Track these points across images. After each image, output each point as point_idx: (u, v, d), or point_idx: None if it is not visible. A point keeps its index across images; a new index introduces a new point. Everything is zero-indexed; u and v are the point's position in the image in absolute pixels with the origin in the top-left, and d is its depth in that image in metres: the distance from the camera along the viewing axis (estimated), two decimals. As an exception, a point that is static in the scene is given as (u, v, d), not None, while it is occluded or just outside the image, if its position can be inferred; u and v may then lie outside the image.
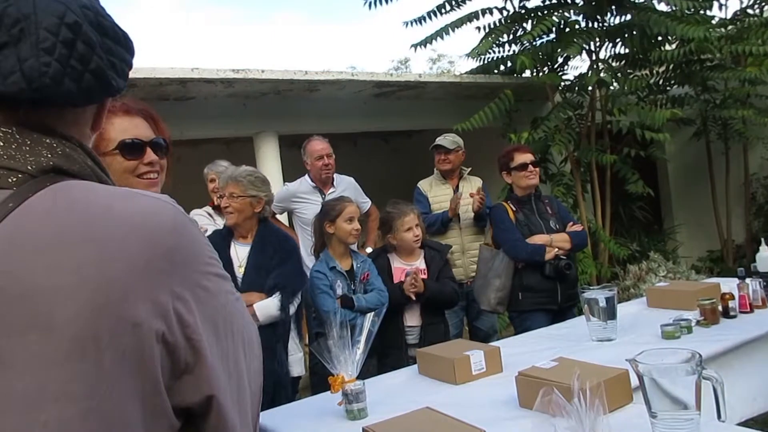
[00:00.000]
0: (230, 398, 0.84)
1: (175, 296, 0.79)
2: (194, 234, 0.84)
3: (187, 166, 6.51)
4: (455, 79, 6.07)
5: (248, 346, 0.91)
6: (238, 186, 2.92)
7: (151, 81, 4.50)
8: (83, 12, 0.83)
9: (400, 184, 6.23)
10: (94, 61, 0.83)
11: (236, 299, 0.90)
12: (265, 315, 2.77)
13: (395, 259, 3.42)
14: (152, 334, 0.77)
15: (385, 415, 1.82)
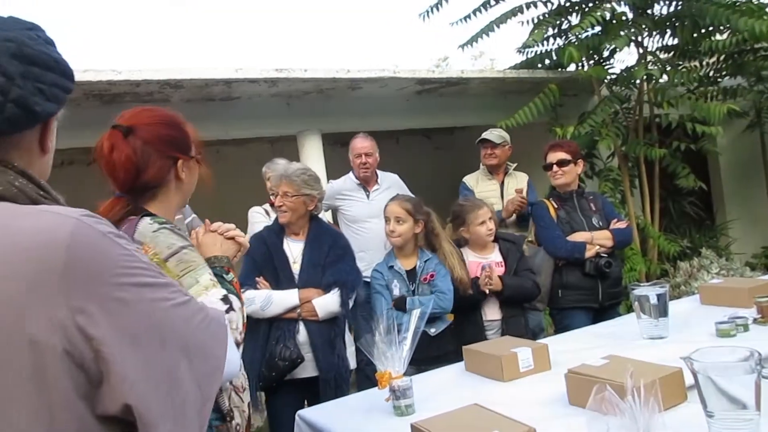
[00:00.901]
0: (157, 406, 0.83)
1: (75, 310, 0.80)
2: (99, 248, 0.84)
3: (233, 165, 6.64)
4: (498, 75, 6.00)
5: (195, 350, 0.91)
6: (291, 185, 2.95)
7: (197, 82, 4.58)
8: (4, 45, 0.89)
9: (444, 181, 6.22)
10: (13, 91, 0.88)
11: (175, 305, 0.90)
12: (325, 311, 2.82)
13: (469, 254, 3.35)
14: (51, 350, 0.79)
15: (432, 412, 1.82)
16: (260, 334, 2.81)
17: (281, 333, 2.80)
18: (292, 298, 2.83)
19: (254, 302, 2.78)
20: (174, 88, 4.59)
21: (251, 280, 2.88)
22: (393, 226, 3.15)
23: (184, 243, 1.51)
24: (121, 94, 4.43)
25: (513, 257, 3.33)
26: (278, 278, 2.89)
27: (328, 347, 2.83)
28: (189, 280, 1.46)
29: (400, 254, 3.20)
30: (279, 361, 2.73)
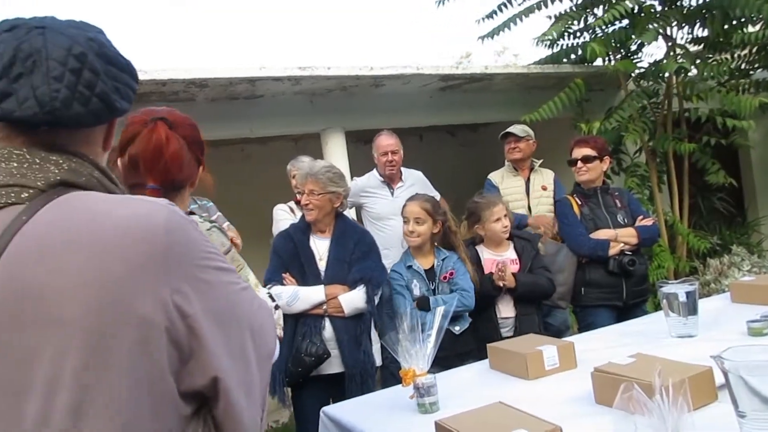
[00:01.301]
0: (236, 380, 0.92)
1: (174, 290, 0.87)
2: (189, 233, 0.92)
3: (256, 163, 6.69)
4: (523, 70, 5.94)
5: (257, 332, 0.99)
6: (317, 183, 2.96)
7: (222, 81, 4.61)
8: (89, 44, 0.95)
9: (468, 178, 6.18)
10: (99, 86, 0.94)
11: (241, 289, 0.99)
12: (351, 307, 2.84)
13: (484, 251, 3.34)
14: (156, 326, 0.86)
15: (457, 409, 1.81)
16: (286, 329, 2.83)
17: (307, 329, 2.82)
18: (318, 294, 2.84)
19: (281, 298, 2.80)
20: (199, 87, 4.62)
21: (278, 276, 2.91)
22: (412, 226, 3.14)
23: (230, 243, 1.60)
24: (147, 93, 4.47)
25: (528, 255, 3.32)
26: (304, 274, 2.91)
27: (354, 343, 2.84)
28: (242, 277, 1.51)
29: (418, 254, 3.19)
30: (305, 357, 2.75)
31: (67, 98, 0.91)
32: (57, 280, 0.85)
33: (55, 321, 0.85)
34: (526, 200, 4.35)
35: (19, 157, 0.92)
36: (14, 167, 0.91)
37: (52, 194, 0.90)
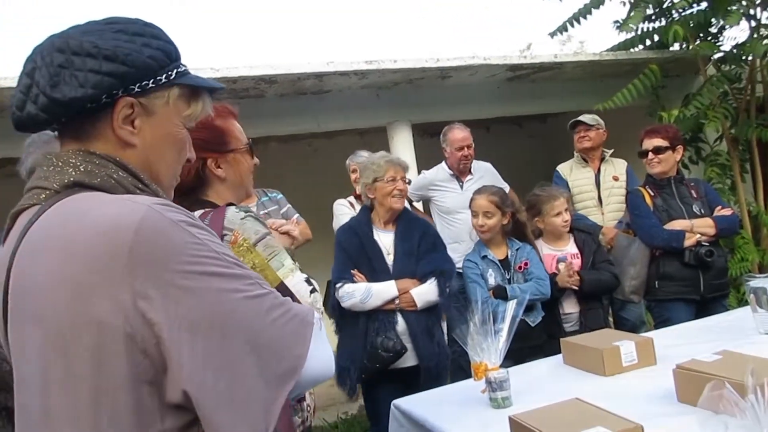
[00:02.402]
0: (214, 397, 0.83)
1: (138, 295, 0.81)
2: (169, 235, 0.84)
3: (324, 157, 6.76)
4: (594, 57, 5.75)
5: (265, 346, 0.88)
6: (403, 170, 3.00)
7: (290, 77, 4.68)
8: (50, 41, 0.94)
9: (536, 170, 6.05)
10: (41, 82, 0.92)
11: (248, 297, 0.88)
12: (424, 300, 2.84)
13: (543, 246, 3.28)
14: (114, 331, 0.81)
15: (530, 405, 1.77)
16: (358, 326, 2.84)
17: (380, 324, 2.82)
18: (391, 289, 2.84)
19: (354, 296, 2.81)
20: (268, 84, 4.71)
21: (347, 273, 2.90)
22: (482, 220, 3.11)
23: (267, 230, 1.59)
24: (218, 90, 4.59)
25: (589, 248, 3.24)
26: (373, 270, 2.91)
27: (427, 336, 2.84)
28: (276, 263, 1.52)
29: (491, 244, 3.16)
30: (382, 353, 2.75)
31: (20, 101, 0.94)
32: (38, 278, 0.87)
33: (35, 319, 0.88)
34: (596, 191, 4.22)
35: (48, 161, 0.95)
36: (44, 170, 0.95)
37: (62, 195, 0.91)
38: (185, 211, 0.90)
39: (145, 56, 0.95)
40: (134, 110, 0.96)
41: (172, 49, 1.01)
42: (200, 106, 1.06)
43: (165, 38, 1.01)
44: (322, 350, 0.97)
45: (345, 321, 2.92)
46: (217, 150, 1.64)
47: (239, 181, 1.69)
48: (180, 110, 1.03)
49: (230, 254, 0.91)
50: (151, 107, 0.98)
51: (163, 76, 0.98)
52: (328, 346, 1.00)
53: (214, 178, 1.65)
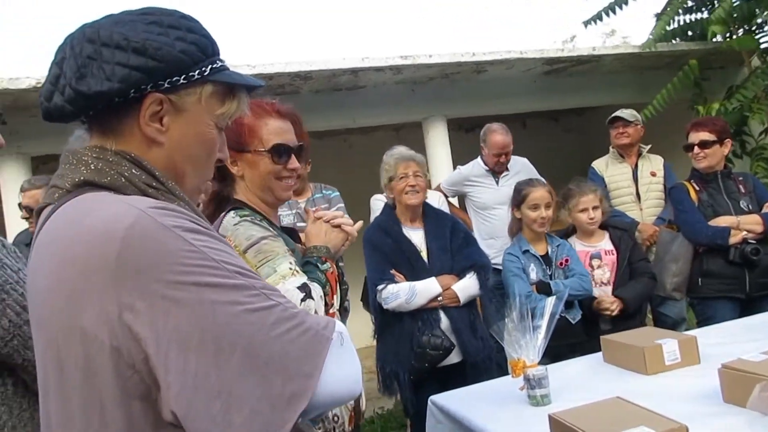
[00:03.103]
0: (207, 421, 0.75)
1: (124, 307, 0.75)
2: (160, 242, 0.78)
3: (359, 153, 6.77)
4: (634, 50, 5.63)
5: (269, 364, 0.79)
6: (420, 166, 2.97)
7: (325, 73, 4.70)
8: (80, 31, 0.91)
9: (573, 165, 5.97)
10: (69, 73, 0.89)
11: (246, 311, 0.79)
12: (466, 295, 2.83)
13: (576, 242, 3.22)
14: (99, 344, 0.76)
15: (570, 403, 1.75)
16: (403, 326, 2.81)
17: (424, 323, 2.79)
18: (434, 287, 2.81)
19: (399, 296, 2.78)
20: (304, 80, 4.74)
21: (387, 274, 2.86)
22: (544, 212, 3.06)
23: (265, 234, 1.51)
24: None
25: (626, 245, 3.15)
26: (413, 268, 2.88)
27: (471, 331, 2.82)
28: (266, 269, 1.45)
29: (533, 239, 3.11)
30: (430, 351, 2.73)
31: (48, 91, 0.91)
32: (39, 282, 0.85)
33: (38, 323, 0.87)
34: (633, 187, 4.13)
35: (66, 158, 0.93)
36: (62, 168, 0.93)
37: (72, 195, 0.88)
38: (186, 215, 0.84)
39: (177, 51, 0.90)
40: (163, 107, 0.92)
41: (207, 43, 0.96)
42: (235, 104, 1.00)
43: (201, 32, 0.96)
44: (344, 367, 0.88)
45: (387, 323, 2.89)
46: (233, 148, 1.55)
47: (257, 184, 1.62)
48: (212, 108, 0.97)
49: (234, 262, 0.83)
50: (181, 104, 0.93)
51: (196, 72, 0.93)
52: (352, 362, 0.90)
53: (233, 175, 1.62)
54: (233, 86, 0.99)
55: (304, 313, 0.86)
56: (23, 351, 1.10)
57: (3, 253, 1.11)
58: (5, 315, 1.08)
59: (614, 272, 3.11)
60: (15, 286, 1.09)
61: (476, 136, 4.49)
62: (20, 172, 4.50)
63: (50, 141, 4.37)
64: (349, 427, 1.56)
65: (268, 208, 1.66)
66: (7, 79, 3.93)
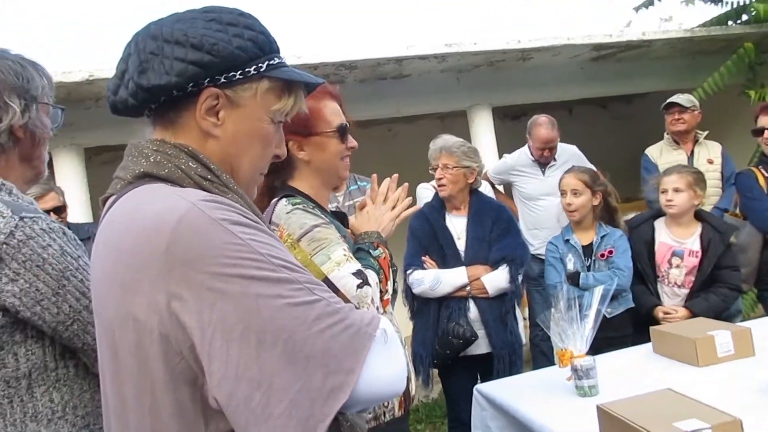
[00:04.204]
0: (245, 411, 0.77)
1: (172, 296, 0.78)
2: (208, 235, 0.79)
3: (403, 142, 6.77)
4: (685, 34, 5.46)
5: (310, 358, 0.79)
6: (451, 157, 2.92)
7: (370, 62, 4.70)
8: (146, 29, 0.95)
9: (622, 153, 5.86)
10: (131, 68, 0.93)
11: (289, 304, 0.80)
12: (495, 287, 2.79)
13: (662, 231, 3.01)
14: (149, 331, 0.80)
15: (618, 394, 1.73)
16: (430, 313, 2.84)
17: (451, 311, 2.80)
18: (461, 276, 2.81)
19: (423, 282, 2.81)
20: (348, 69, 4.75)
21: (418, 260, 2.89)
22: (570, 199, 3.01)
23: (318, 222, 1.52)
24: (300, 77, 4.68)
25: (715, 249, 2.87)
26: (444, 256, 2.89)
27: (500, 324, 2.79)
28: (321, 257, 1.46)
29: (578, 228, 3.06)
30: (453, 339, 2.74)
31: (115, 85, 0.96)
32: (97, 271, 0.90)
33: (95, 309, 0.92)
34: None
35: (129, 150, 0.97)
36: (125, 160, 0.96)
37: (132, 187, 0.91)
38: (235, 209, 0.85)
39: (234, 47, 0.93)
40: (219, 101, 0.94)
41: (265, 40, 0.97)
42: (292, 100, 1.01)
43: (259, 29, 0.98)
44: (388, 365, 0.88)
45: (419, 307, 2.93)
46: (300, 132, 1.58)
47: (326, 166, 1.64)
48: (268, 104, 0.99)
49: (280, 256, 0.84)
50: (237, 99, 0.95)
51: (252, 68, 0.95)
52: (396, 360, 0.90)
53: (298, 161, 1.63)
54: (290, 83, 1.01)
55: (348, 309, 0.87)
56: (83, 335, 1.14)
57: (63, 240, 1.15)
58: (66, 300, 1.12)
59: (692, 276, 2.89)
60: (75, 272, 1.14)
61: (522, 124, 4.44)
62: (74, 162, 4.65)
63: (103, 133, 4.52)
64: (399, 412, 1.58)
65: (323, 194, 1.68)
66: (60, 72, 4.05)
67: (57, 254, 1.12)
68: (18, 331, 1.12)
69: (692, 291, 2.88)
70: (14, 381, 1.14)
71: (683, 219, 2.96)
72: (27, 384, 1.14)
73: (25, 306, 1.09)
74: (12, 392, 1.14)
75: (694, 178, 2.95)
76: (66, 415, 1.16)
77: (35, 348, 1.14)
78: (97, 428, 1.18)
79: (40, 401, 1.15)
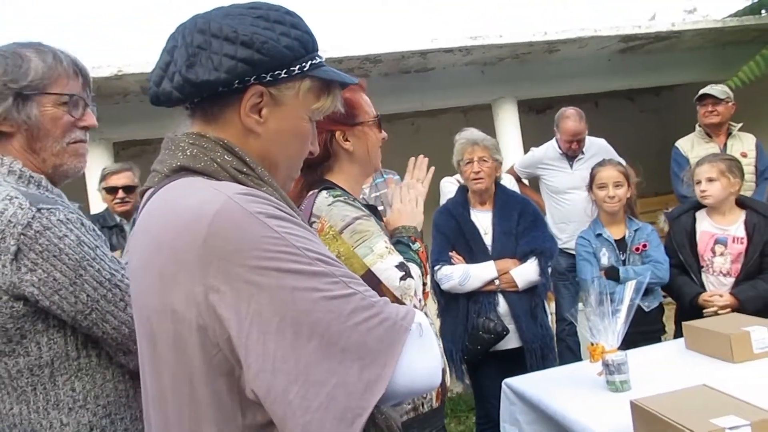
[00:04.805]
0: (285, 404, 0.77)
1: (210, 288, 0.79)
2: (245, 228, 0.80)
3: (427, 136, 6.74)
4: (716, 25, 5.35)
5: (346, 351, 0.80)
6: (487, 150, 2.90)
7: (394, 55, 4.69)
8: (192, 21, 0.95)
9: (649, 147, 5.79)
10: (179, 61, 0.92)
11: (325, 297, 0.80)
12: (525, 281, 2.76)
13: (704, 220, 2.91)
14: (188, 323, 0.80)
15: (651, 390, 1.69)
16: (459, 308, 2.81)
17: (481, 306, 2.77)
18: (489, 270, 2.78)
19: (452, 278, 2.78)
20: (373, 63, 4.74)
21: (445, 256, 2.86)
22: (612, 191, 2.95)
23: (359, 214, 1.52)
24: (324, 71, 4.68)
25: (760, 235, 2.74)
26: (471, 251, 2.86)
27: (530, 317, 2.76)
28: (363, 249, 1.46)
29: (609, 222, 3.01)
30: (483, 334, 2.71)
31: (158, 77, 0.95)
32: (135, 262, 0.91)
33: (134, 300, 0.93)
34: None
35: (166, 144, 0.97)
36: (162, 153, 0.97)
37: (169, 180, 0.92)
38: (271, 202, 0.86)
39: (282, 45, 0.93)
40: (263, 99, 0.95)
41: (309, 40, 0.98)
42: (330, 100, 1.03)
43: (304, 28, 0.99)
44: (422, 358, 0.88)
45: (447, 302, 2.91)
46: (345, 122, 1.61)
47: (366, 155, 1.67)
48: (309, 103, 1.00)
49: (316, 249, 0.84)
50: (280, 98, 0.96)
51: (297, 67, 0.96)
52: (431, 354, 0.90)
53: (341, 152, 1.64)
54: (329, 82, 1.02)
55: (383, 303, 0.86)
56: (101, 324, 1.15)
57: (81, 231, 1.16)
58: (84, 290, 1.13)
59: (739, 264, 2.76)
60: (91, 262, 1.14)
61: (548, 117, 4.39)
62: (103, 156, 4.71)
63: (131, 127, 4.58)
64: (436, 403, 1.59)
65: (357, 187, 1.69)
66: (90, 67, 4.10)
67: (73, 244, 1.13)
68: (39, 320, 1.14)
69: (738, 279, 2.76)
70: (37, 369, 1.16)
71: (724, 207, 2.86)
72: (50, 372, 1.16)
73: (44, 295, 1.11)
74: (35, 380, 1.16)
75: (727, 165, 2.86)
76: (87, 404, 1.18)
77: (57, 337, 1.16)
78: (118, 418, 1.20)
79: (62, 390, 1.17)
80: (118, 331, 1.16)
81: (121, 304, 1.16)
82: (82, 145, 1.31)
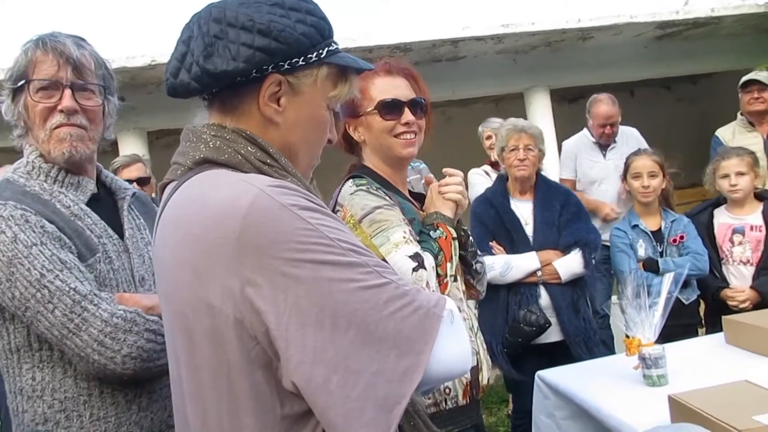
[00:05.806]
0: (326, 394, 0.78)
1: (246, 281, 0.78)
2: (279, 221, 0.80)
3: (458, 125, 6.70)
4: (759, 9, 5.19)
5: (383, 340, 0.80)
6: (532, 139, 2.85)
7: (425, 44, 4.66)
8: (207, 10, 0.93)
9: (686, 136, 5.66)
10: (196, 51, 0.90)
11: (361, 287, 0.81)
12: (568, 272, 2.70)
13: (721, 214, 2.93)
14: (225, 317, 0.80)
15: (689, 385, 1.65)
16: (499, 299, 2.76)
17: (522, 297, 2.72)
18: (532, 261, 2.73)
19: (493, 268, 2.72)
20: (403, 52, 4.72)
21: (485, 245, 2.79)
22: (647, 181, 2.90)
23: (380, 203, 1.51)
24: (354, 61, 4.68)
25: None
26: (512, 241, 2.81)
27: (573, 310, 2.70)
28: (380, 238, 1.45)
29: (644, 213, 2.95)
30: (524, 327, 2.66)
31: (175, 68, 0.93)
32: (166, 257, 0.89)
33: (165, 295, 0.92)
34: (765, 159, 3.80)
35: (187, 136, 0.96)
36: (183, 145, 0.96)
37: (193, 173, 0.91)
38: (302, 194, 0.86)
39: (298, 33, 0.92)
40: (281, 88, 0.93)
41: (325, 26, 0.97)
42: (347, 87, 1.01)
43: (319, 14, 0.97)
44: (454, 345, 0.89)
45: (486, 293, 2.87)
46: (350, 115, 1.59)
47: (377, 144, 1.62)
48: (326, 90, 0.98)
49: (348, 240, 0.85)
50: (298, 86, 0.95)
51: (314, 55, 0.94)
52: (462, 340, 0.91)
53: (359, 143, 1.64)
54: (346, 69, 1.00)
55: (416, 291, 0.87)
56: (36, 323, 1.16)
57: (22, 228, 1.17)
58: (17, 288, 1.15)
59: (759, 252, 2.78)
60: (23, 260, 1.15)
61: (580, 106, 4.32)
62: (137, 145, 4.78)
63: (164, 117, 4.63)
64: (463, 400, 1.54)
65: (392, 171, 1.65)
66: (123, 57, 4.15)
67: (8, 241, 1.15)
68: (4, 309, 1.19)
69: (758, 267, 2.76)
70: (9, 353, 1.22)
71: (744, 200, 2.88)
72: (17, 359, 1.21)
73: None
74: (8, 363, 1.22)
75: (752, 158, 2.88)
76: (44, 395, 1.20)
77: (20, 327, 1.20)
78: (75, 415, 1.20)
79: (24, 378, 1.21)
80: (50, 332, 1.15)
81: (49, 306, 1.14)
82: (64, 130, 1.27)
